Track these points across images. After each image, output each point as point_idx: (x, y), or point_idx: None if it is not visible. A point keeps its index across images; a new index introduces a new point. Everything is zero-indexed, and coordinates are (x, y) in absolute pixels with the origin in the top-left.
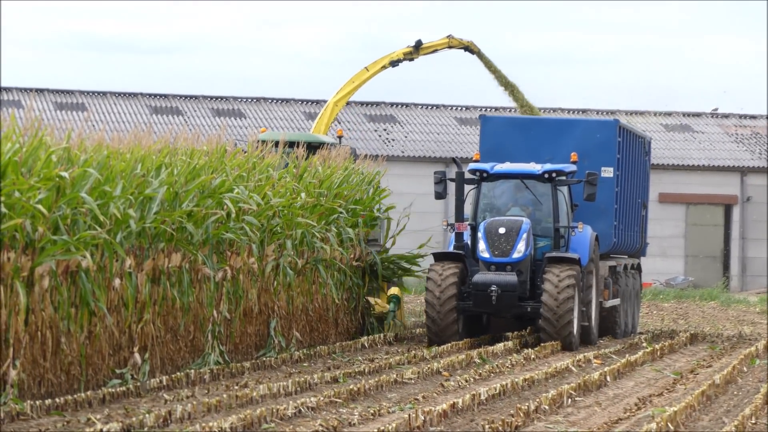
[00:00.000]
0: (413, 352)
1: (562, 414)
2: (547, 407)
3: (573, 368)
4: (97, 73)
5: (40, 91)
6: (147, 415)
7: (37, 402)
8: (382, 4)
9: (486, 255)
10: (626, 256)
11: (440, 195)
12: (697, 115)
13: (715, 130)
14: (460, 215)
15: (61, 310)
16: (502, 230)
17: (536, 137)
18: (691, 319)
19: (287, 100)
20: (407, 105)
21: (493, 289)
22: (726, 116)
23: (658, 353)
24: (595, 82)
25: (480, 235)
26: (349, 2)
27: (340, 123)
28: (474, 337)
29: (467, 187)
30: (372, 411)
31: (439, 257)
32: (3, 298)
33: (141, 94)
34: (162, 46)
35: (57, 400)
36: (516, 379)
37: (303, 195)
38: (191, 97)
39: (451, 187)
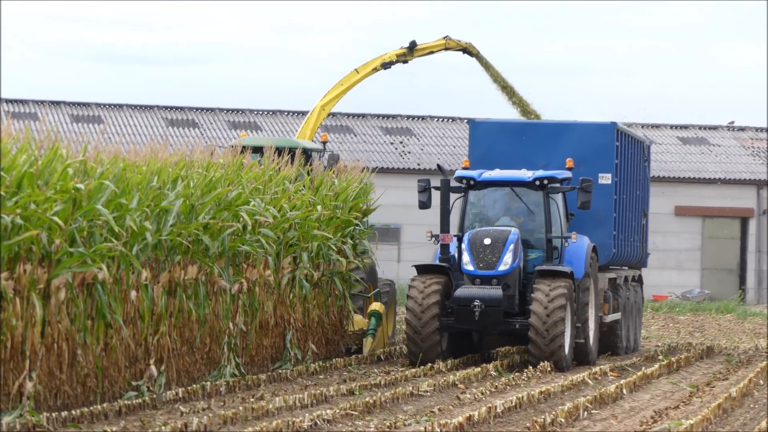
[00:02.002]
0: (428, 364)
1: (578, 427)
2: (563, 420)
3: (589, 381)
4: (113, 86)
5: (56, 103)
6: (163, 428)
7: (54, 414)
8: (399, 14)
9: (470, 268)
10: (626, 268)
11: (424, 204)
12: (714, 128)
13: (732, 143)
14: (445, 225)
15: (77, 322)
16: (487, 241)
17: (529, 143)
18: (708, 332)
19: (304, 113)
20: (423, 117)
21: (476, 304)
22: (742, 129)
23: (675, 366)
24: (611, 95)
25: (464, 246)
26: (367, 11)
27: (356, 135)
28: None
29: (455, 196)
30: (388, 424)
31: (422, 270)
32: (19, 310)
33: (157, 106)
34: (178, 58)
35: (73, 412)
36: (532, 392)
37: (319, 207)
38: (207, 109)
39: (437, 196)
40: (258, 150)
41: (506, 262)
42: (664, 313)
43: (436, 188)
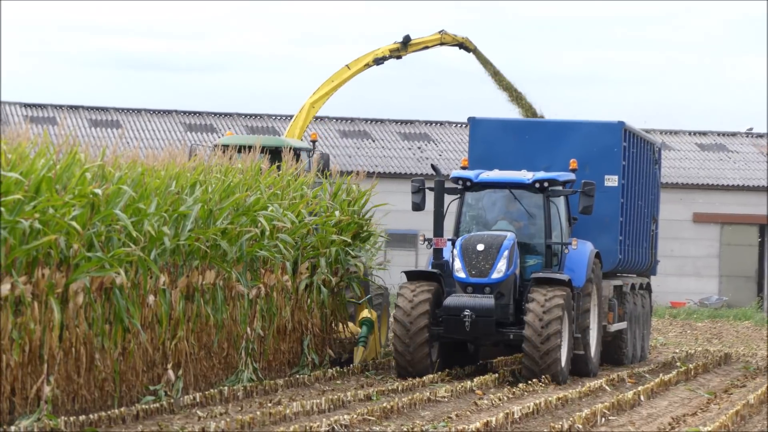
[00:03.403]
0: (446, 369)
1: None
2: (580, 426)
3: (607, 387)
4: (132, 91)
5: (74, 108)
6: None
7: (71, 418)
8: (415, 23)
9: (461, 275)
10: (635, 275)
11: (418, 206)
12: (732, 134)
13: (750, 149)
14: (438, 229)
15: (95, 326)
16: (480, 247)
17: (532, 142)
18: (725, 339)
19: (321, 118)
20: (441, 123)
21: (466, 313)
22: (761, 136)
23: (692, 373)
24: (628, 104)
25: (456, 252)
26: (382, 21)
27: (374, 141)
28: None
29: (452, 198)
30: (405, 429)
31: (412, 276)
32: (38, 315)
33: (175, 111)
34: (196, 65)
35: (91, 416)
36: (549, 398)
37: (337, 213)
38: (225, 114)
39: (431, 197)
40: (243, 149)
41: (500, 269)
42: (681, 319)
43: (431, 189)
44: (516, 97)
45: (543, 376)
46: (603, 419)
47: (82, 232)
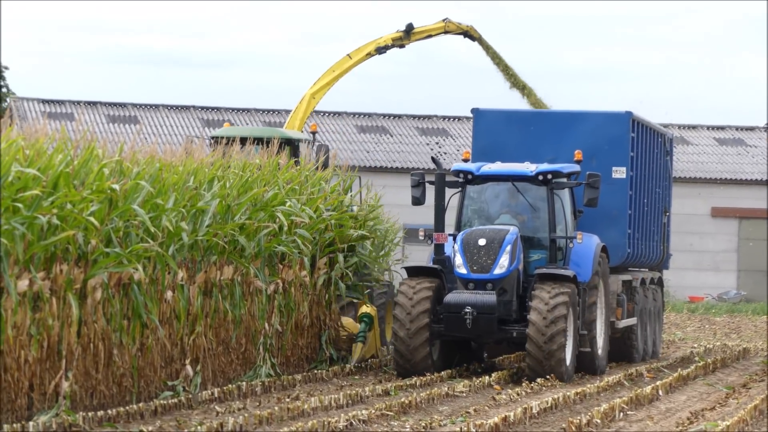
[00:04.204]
0: (464, 364)
1: (614, 428)
2: (599, 421)
3: (625, 382)
4: (150, 87)
5: (92, 103)
6: (199, 427)
7: (90, 414)
8: (422, 20)
9: (463, 271)
10: (646, 269)
11: (418, 200)
12: (750, 129)
13: None
14: (440, 224)
15: (113, 322)
16: (482, 242)
17: (537, 134)
18: (744, 333)
19: (339, 113)
20: (459, 118)
21: (467, 311)
22: None
23: (711, 367)
24: (630, 100)
25: (457, 247)
26: (391, 20)
27: (392, 136)
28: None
29: (453, 191)
30: (423, 424)
31: (413, 272)
32: (56, 310)
33: (193, 107)
34: (213, 61)
35: (109, 411)
36: (568, 393)
37: (355, 208)
38: (243, 109)
39: (431, 191)
40: (242, 141)
41: (502, 264)
42: (700, 314)
43: (431, 183)
44: (519, 86)
45: (547, 376)
46: (621, 414)
47: (100, 228)
